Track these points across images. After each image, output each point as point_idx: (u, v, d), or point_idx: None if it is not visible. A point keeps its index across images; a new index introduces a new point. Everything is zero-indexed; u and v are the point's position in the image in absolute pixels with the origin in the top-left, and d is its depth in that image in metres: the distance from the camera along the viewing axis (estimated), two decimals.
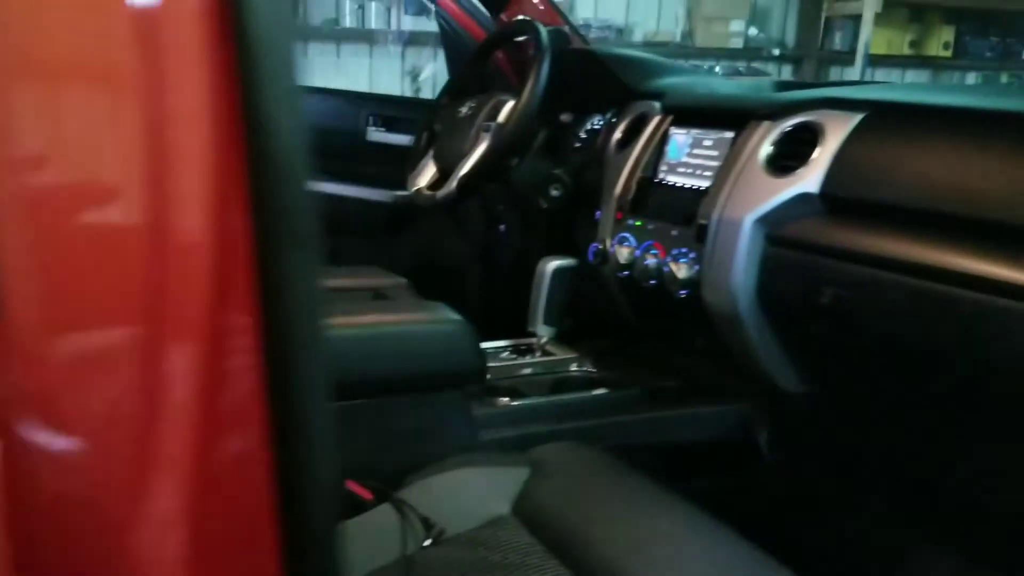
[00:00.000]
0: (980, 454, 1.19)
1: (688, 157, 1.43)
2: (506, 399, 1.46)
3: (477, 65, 1.87)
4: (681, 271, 1.35)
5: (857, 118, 1.19)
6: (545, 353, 1.69)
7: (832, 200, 1.18)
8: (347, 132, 2.42)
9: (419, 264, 2.37)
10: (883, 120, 1.19)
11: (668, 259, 1.39)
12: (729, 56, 5.44)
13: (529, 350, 1.70)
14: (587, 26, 5.50)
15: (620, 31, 5.57)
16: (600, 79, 1.72)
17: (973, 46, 5.33)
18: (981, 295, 0.98)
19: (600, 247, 1.55)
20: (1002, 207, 0.98)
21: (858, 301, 1.13)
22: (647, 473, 1.18)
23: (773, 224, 1.24)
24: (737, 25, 5.36)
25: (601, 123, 1.71)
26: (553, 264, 1.60)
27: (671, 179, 1.46)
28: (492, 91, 1.76)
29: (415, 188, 1.77)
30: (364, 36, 5.18)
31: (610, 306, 1.60)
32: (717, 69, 5.43)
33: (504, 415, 1.43)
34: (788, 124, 1.27)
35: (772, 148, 1.27)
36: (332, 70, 5.29)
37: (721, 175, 1.33)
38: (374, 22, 5.14)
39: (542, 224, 1.81)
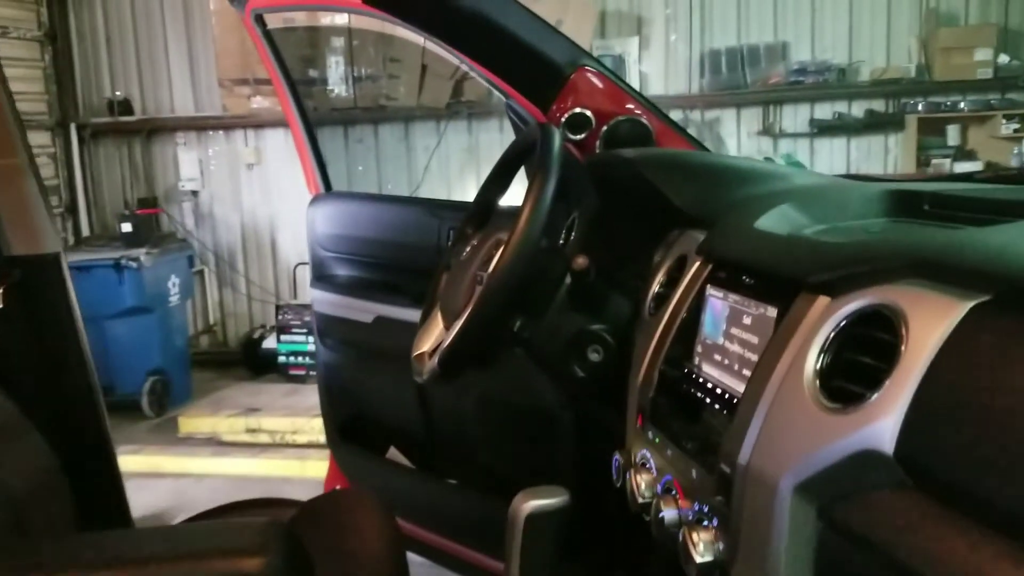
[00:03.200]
0: None
1: (725, 338, 0.88)
2: None
3: (496, 188, 1.39)
4: (700, 546, 0.79)
5: (966, 306, 0.61)
6: None
7: (917, 471, 0.61)
8: (428, 248, 2.02)
9: (505, 411, 1.90)
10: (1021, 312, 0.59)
11: (688, 513, 0.84)
12: (977, 89, 4.57)
13: None
14: (802, 70, 4.84)
15: (842, 71, 4.87)
16: (646, 198, 1.19)
17: None
18: None
19: (621, 462, 1.02)
20: None
21: None
22: None
23: (828, 495, 0.67)
24: (983, 54, 4.51)
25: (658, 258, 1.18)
26: (529, 506, 1.05)
27: (706, 369, 0.91)
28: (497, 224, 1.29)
29: (416, 352, 1.32)
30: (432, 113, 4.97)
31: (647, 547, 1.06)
32: (962, 105, 4.56)
33: None
34: (851, 307, 0.70)
35: (826, 354, 0.71)
36: (403, 147, 5.05)
37: (755, 383, 0.78)
38: None
39: (584, 398, 1.29)
